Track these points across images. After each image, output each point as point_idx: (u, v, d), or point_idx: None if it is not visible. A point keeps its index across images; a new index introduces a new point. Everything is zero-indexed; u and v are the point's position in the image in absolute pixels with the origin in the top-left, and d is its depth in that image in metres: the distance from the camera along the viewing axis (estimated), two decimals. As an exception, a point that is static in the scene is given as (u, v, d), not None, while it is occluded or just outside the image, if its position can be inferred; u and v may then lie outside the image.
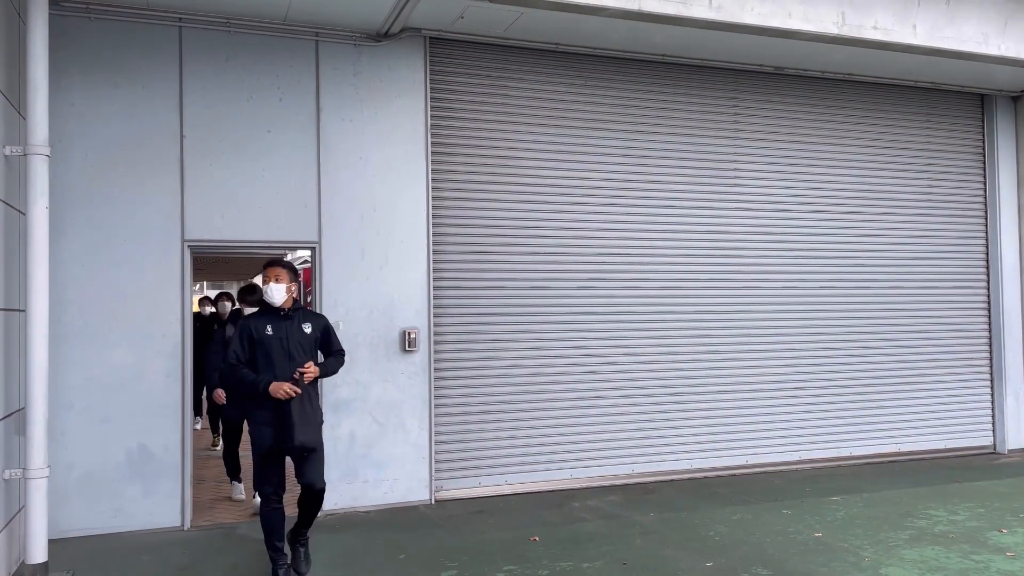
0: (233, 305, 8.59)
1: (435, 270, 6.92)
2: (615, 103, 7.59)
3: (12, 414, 4.87)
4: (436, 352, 6.90)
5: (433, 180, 6.92)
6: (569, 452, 7.31)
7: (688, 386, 7.76)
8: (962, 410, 8.89)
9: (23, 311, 4.94)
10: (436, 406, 6.87)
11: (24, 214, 4.96)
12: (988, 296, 9.08)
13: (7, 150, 4.76)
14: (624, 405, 7.52)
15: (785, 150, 8.22)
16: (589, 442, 7.38)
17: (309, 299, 7.59)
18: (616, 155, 7.57)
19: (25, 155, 4.86)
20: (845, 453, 8.32)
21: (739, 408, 7.94)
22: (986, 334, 9.06)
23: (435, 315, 6.90)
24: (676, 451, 7.68)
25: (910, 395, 8.66)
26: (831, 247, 8.38)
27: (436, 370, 6.88)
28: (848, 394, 8.40)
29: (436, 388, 6.88)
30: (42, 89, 4.91)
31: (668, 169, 7.75)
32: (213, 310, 9.68)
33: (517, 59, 7.26)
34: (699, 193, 7.85)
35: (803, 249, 8.26)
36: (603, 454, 7.43)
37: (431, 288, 6.84)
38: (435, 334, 6.90)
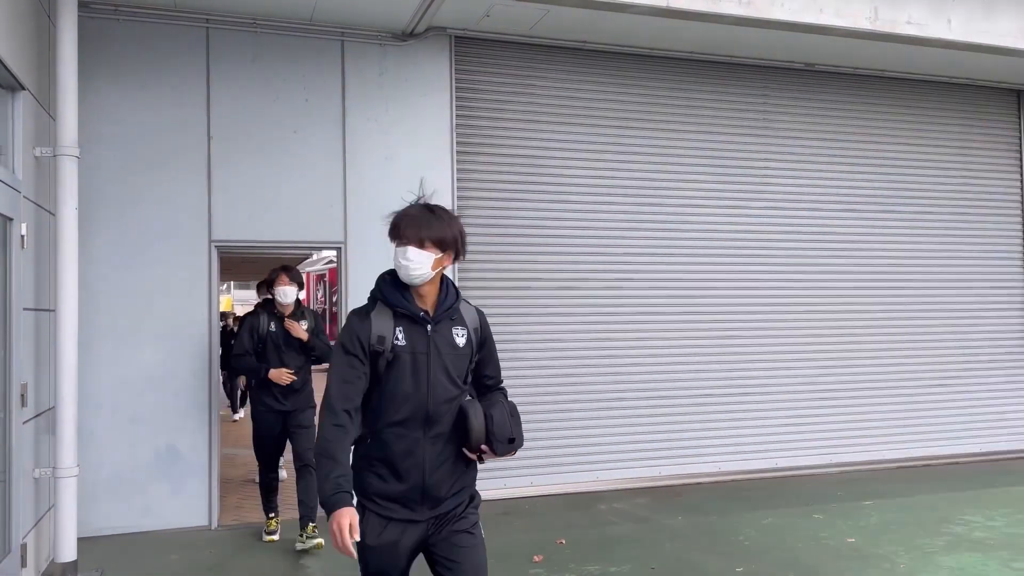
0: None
1: (460, 270, 6.88)
2: (642, 101, 7.50)
3: (42, 413, 4.91)
4: (462, 353, 6.85)
5: (458, 180, 6.89)
6: (596, 454, 7.24)
7: (716, 387, 7.66)
8: (998, 412, 8.68)
9: (53, 311, 4.97)
10: (462, 407, 6.83)
11: (54, 215, 4.99)
12: (1025, 296, 8.87)
13: (37, 151, 4.79)
14: (651, 406, 7.43)
15: (817, 148, 8.09)
16: (615, 444, 7.31)
17: (335, 299, 7.55)
18: (644, 154, 7.48)
19: (55, 156, 4.89)
20: (877, 456, 8.16)
21: (768, 410, 7.82)
22: (1023, 334, 8.85)
23: (461, 315, 6.85)
24: (704, 453, 7.58)
25: (945, 397, 8.47)
26: (864, 246, 8.22)
27: (462, 371, 6.84)
28: (881, 396, 8.23)
29: (462, 389, 6.83)
30: (71, 90, 4.93)
31: (697, 168, 7.65)
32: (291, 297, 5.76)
33: (543, 58, 7.20)
34: (729, 192, 7.74)
35: (835, 249, 8.11)
36: (630, 456, 7.35)
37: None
38: (461, 334, 6.85)
